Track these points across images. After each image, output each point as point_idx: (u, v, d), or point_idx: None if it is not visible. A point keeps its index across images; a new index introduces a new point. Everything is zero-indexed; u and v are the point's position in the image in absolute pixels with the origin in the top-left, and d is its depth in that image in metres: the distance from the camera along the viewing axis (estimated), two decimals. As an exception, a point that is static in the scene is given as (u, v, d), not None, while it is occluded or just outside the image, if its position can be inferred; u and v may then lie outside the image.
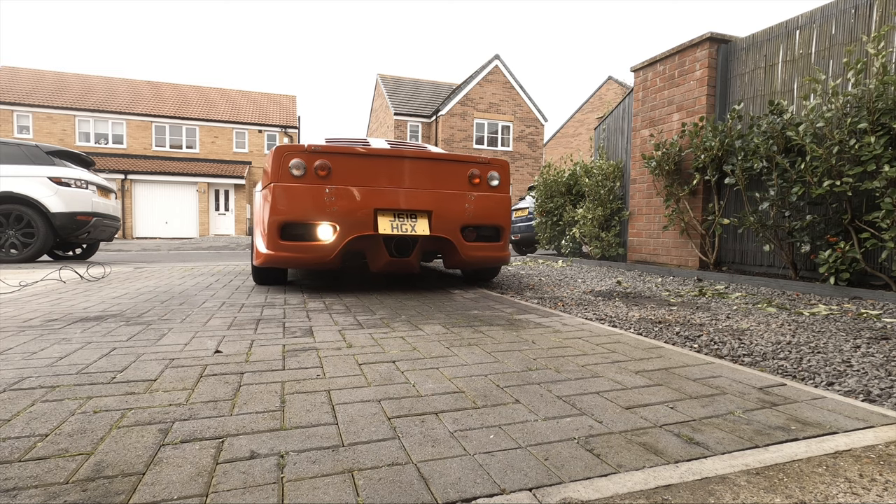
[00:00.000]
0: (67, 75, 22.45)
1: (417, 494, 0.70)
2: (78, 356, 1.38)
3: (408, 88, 22.84)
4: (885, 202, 2.82)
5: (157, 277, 3.60)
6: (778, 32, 3.98)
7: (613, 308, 2.61)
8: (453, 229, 2.84)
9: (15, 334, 1.65)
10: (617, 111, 5.98)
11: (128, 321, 1.91)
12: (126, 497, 0.68)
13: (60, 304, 2.33)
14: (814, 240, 3.48)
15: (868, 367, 1.51)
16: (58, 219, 5.23)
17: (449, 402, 1.07)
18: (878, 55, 2.99)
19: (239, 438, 0.87)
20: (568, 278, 4.17)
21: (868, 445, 0.89)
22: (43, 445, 0.83)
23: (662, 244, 4.94)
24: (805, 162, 3.30)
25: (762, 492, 0.72)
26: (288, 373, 1.27)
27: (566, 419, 0.98)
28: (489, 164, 2.98)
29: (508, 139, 21.38)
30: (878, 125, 2.98)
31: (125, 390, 1.11)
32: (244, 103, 23.74)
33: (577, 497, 0.70)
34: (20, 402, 1.02)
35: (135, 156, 20.43)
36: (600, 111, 22.73)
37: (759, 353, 1.70)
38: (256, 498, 0.68)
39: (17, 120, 19.28)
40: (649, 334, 1.97)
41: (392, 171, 2.72)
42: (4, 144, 5.32)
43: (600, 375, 1.28)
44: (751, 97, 4.19)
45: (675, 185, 4.63)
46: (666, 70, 4.90)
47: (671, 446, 0.87)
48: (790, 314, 2.47)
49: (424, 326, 1.90)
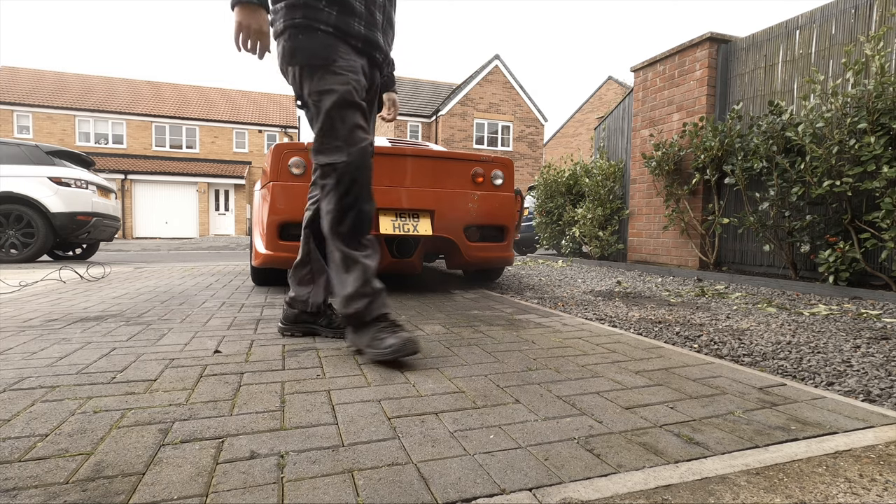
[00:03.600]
0: (67, 75, 22.45)
1: (417, 494, 0.70)
2: (78, 356, 1.38)
3: (408, 88, 22.83)
4: (885, 202, 2.82)
5: (157, 277, 3.60)
6: (778, 32, 3.98)
7: (613, 308, 2.61)
8: (456, 229, 2.82)
9: (15, 334, 1.65)
10: (617, 111, 5.98)
11: (128, 321, 1.91)
12: (126, 497, 0.68)
13: (60, 304, 2.33)
14: (814, 240, 3.48)
15: (868, 367, 1.51)
16: (58, 219, 5.23)
17: (449, 401, 1.07)
18: (876, 56, 2.99)
19: (239, 438, 0.87)
20: (568, 278, 4.17)
21: (868, 445, 0.89)
22: (43, 445, 0.83)
23: (662, 244, 4.94)
24: (805, 162, 3.30)
25: (762, 492, 0.72)
26: (288, 373, 1.27)
27: (566, 419, 0.98)
28: (493, 163, 2.97)
29: (508, 139, 21.38)
30: (877, 125, 2.98)
31: (125, 390, 1.11)
32: (244, 103, 23.73)
33: (577, 497, 0.70)
34: (20, 402, 1.02)
35: (135, 156, 20.42)
36: (600, 111, 22.74)
37: (759, 353, 1.70)
38: (256, 498, 0.68)
39: (17, 120, 19.27)
40: (649, 334, 1.97)
41: (394, 170, 2.70)
42: (4, 144, 5.32)
43: (600, 375, 1.28)
44: (751, 97, 4.19)
45: (675, 185, 4.63)
46: (666, 70, 4.90)
47: (671, 446, 0.87)
48: (790, 314, 2.47)
49: (424, 326, 1.90)
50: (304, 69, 1.45)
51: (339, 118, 1.43)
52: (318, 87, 1.44)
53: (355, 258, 1.46)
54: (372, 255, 1.50)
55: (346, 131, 1.43)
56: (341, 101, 1.42)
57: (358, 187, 1.45)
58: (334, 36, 1.44)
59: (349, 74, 1.46)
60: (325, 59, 1.43)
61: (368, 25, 1.51)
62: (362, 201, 1.47)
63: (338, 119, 1.43)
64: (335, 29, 1.44)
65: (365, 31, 1.50)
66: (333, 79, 1.43)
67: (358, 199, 1.46)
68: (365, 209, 1.49)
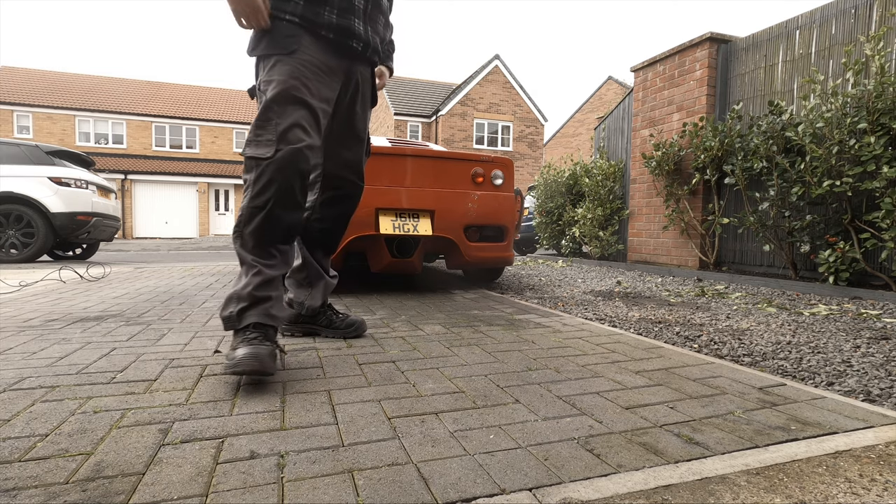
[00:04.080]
0: (67, 75, 22.45)
1: (417, 494, 0.70)
2: (78, 356, 1.38)
3: (408, 88, 22.83)
4: (885, 202, 2.82)
5: (157, 277, 3.60)
6: (778, 32, 3.98)
7: (613, 308, 2.61)
8: (456, 229, 2.83)
9: (15, 334, 1.65)
10: (617, 111, 5.98)
11: (128, 321, 1.91)
12: (126, 497, 0.68)
13: (60, 304, 2.33)
14: (814, 240, 3.47)
15: (868, 367, 1.51)
16: (58, 219, 5.23)
17: (449, 401, 1.07)
18: (876, 56, 2.99)
19: (239, 438, 0.87)
20: (568, 278, 4.17)
21: (868, 445, 0.89)
22: (43, 445, 0.83)
23: (662, 244, 4.94)
24: (805, 162, 3.30)
25: (762, 492, 0.72)
26: (288, 373, 1.27)
27: (566, 419, 0.98)
28: (493, 163, 2.97)
29: (508, 139, 21.37)
30: (877, 125, 2.98)
31: (125, 390, 1.11)
32: (244, 103, 23.73)
33: (577, 497, 0.70)
34: (20, 402, 1.02)
35: (135, 156, 20.42)
36: (600, 111, 22.74)
37: (759, 353, 1.70)
38: (256, 498, 0.68)
39: (17, 120, 19.27)
40: (649, 334, 1.97)
41: (394, 170, 2.70)
42: (4, 144, 5.32)
43: (600, 375, 1.28)
44: (751, 97, 4.19)
45: (675, 185, 4.63)
46: (666, 70, 4.90)
47: (671, 446, 0.87)
48: (790, 314, 2.47)
49: (424, 326, 1.90)
50: (262, 59, 1.36)
51: (278, 112, 1.29)
52: (266, 77, 1.33)
53: (253, 265, 1.30)
54: (278, 265, 1.34)
55: (282, 128, 1.28)
56: (284, 94, 1.30)
57: (277, 190, 1.29)
58: (300, 26, 1.34)
59: (303, 69, 1.33)
60: (282, 49, 1.32)
61: (342, 13, 1.39)
62: (277, 206, 1.30)
63: (275, 112, 1.29)
64: (301, 19, 1.34)
65: (337, 19, 1.38)
66: (284, 70, 1.32)
67: (271, 202, 1.29)
68: (278, 215, 1.31)
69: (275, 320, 1.28)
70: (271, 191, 1.28)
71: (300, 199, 1.36)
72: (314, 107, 1.35)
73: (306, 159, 1.32)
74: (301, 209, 1.38)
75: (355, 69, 1.51)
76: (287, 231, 1.35)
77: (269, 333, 1.26)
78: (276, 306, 1.30)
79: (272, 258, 1.33)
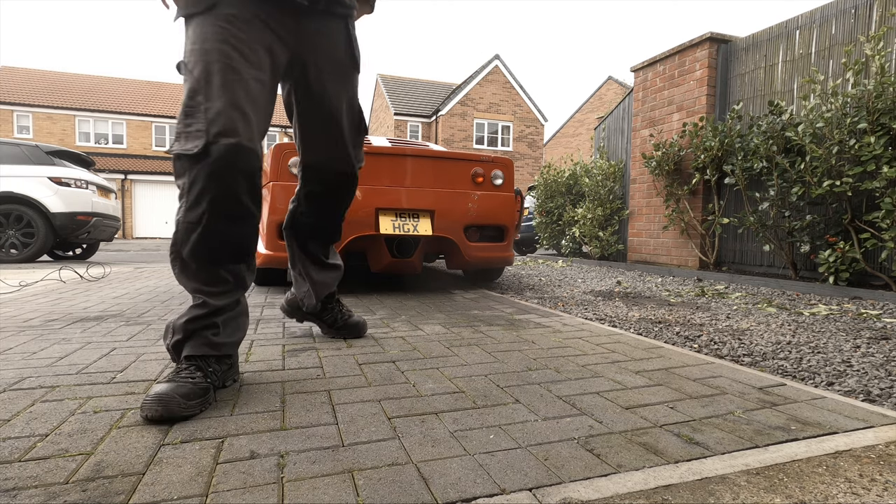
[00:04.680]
0: (67, 75, 22.45)
1: (417, 494, 0.70)
2: (78, 356, 1.38)
3: (408, 88, 22.84)
4: (885, 202, 2.82)
5: (157, 277, 3.60)
6: (778, 32, 3.98)
7: (613, 308, 2.61)
8: (456, 229, 2.83)
9: (15, 334, 1.65)
10: (617, 111, 5.98)
11: (128, 321, 1.91)
12: (126, 497, 0.68)
13: (60, 304, 2.33)
14: (814, 240, 3.48)
15: (868, 367, 1.51)
16: (58, 219, 5.23)
17: (449, 401, 1.07)
18: (876, 56, 2.99)
19: (239, 438, 0.87)
20: (568, 278, 4.17)
21: (868, 445, 0.89)
22: (43, 445, 0.83)
23: (662, 244, 4.94)
24: (805, 162, 3.30)
25: (762, 492, 0.72)
26: (288, 373, 1.27)
27: (566, 419, 0.98)
28: (493, 163, 2.97)
29: (508, 139, 21.38)
30: (877, 125, 2.98)
31: (125, 390, 1.11)
32: (244, 103, 23.73)
33: (577, 497, 0.70)
34: (20, 402, 1.02)
35: (135, 156, 20.43)
36: (600, 111, 22.74)
37: (759, 353, 1.70)
38: (256, 498, 0.68)
39: (17, 120, 19.27)
40: (649, 334, 1.97)
41: (394, 170, 2.71)
42: (4, 144, 5.33)
43: (600, 375, 1.28)
44: (751, 97, 4.19)
45: (675, 185, 4.63)
46: (666, 70, 4.90)
47: (671, 446, 0.87)
48: (790, 314, 2.47)
49: (424, 326, 1.90)
50: (186, 21, 1.07)
51: (205, 92, 1.00)
52: (190, 45, 1.04)
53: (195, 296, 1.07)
54: (230, 291, 1.09)
55: (213, 113, 0.99)
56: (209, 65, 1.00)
57: (214, 200, 1.01)
58: None
59: (230, 28, 1.03)
60: (205, 4, 1.03)
61: None
62: (216, 219, 1.02)
63: (202, 93, 1.00)
64: None
65: None
66: (205, 32, 1.02)
67: (207, 216, 1.01)
68: (219, 230, 1.03)
69: (218, 348, 1.07)
70: (206, 201, 1.01)
71: (249, 204, 1.07)
72: (254, 78, 1.06)
73: (248, 154, 1.03)
74: (254, 215, 1.09)
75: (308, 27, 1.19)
76: (237, 247, 1.08)
77: (205, 364, 1.04)
78: (225, 330, 1.09)
79: (221, 283, 1.08)
